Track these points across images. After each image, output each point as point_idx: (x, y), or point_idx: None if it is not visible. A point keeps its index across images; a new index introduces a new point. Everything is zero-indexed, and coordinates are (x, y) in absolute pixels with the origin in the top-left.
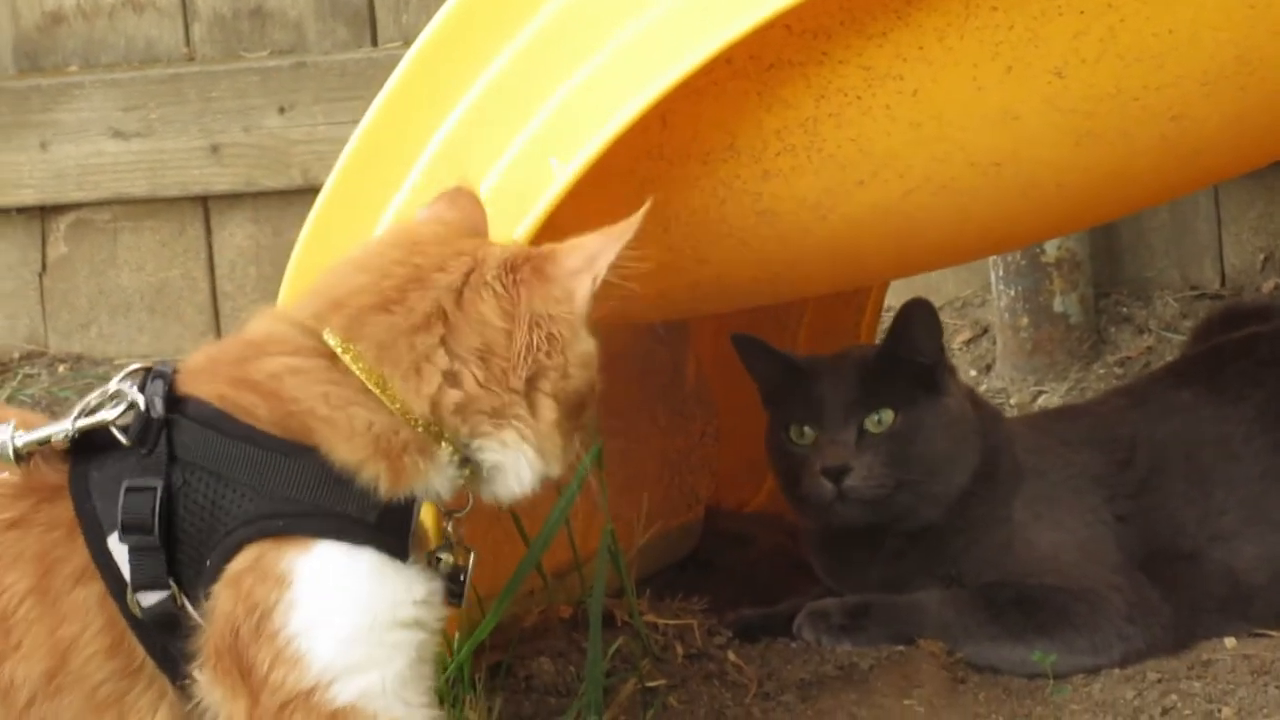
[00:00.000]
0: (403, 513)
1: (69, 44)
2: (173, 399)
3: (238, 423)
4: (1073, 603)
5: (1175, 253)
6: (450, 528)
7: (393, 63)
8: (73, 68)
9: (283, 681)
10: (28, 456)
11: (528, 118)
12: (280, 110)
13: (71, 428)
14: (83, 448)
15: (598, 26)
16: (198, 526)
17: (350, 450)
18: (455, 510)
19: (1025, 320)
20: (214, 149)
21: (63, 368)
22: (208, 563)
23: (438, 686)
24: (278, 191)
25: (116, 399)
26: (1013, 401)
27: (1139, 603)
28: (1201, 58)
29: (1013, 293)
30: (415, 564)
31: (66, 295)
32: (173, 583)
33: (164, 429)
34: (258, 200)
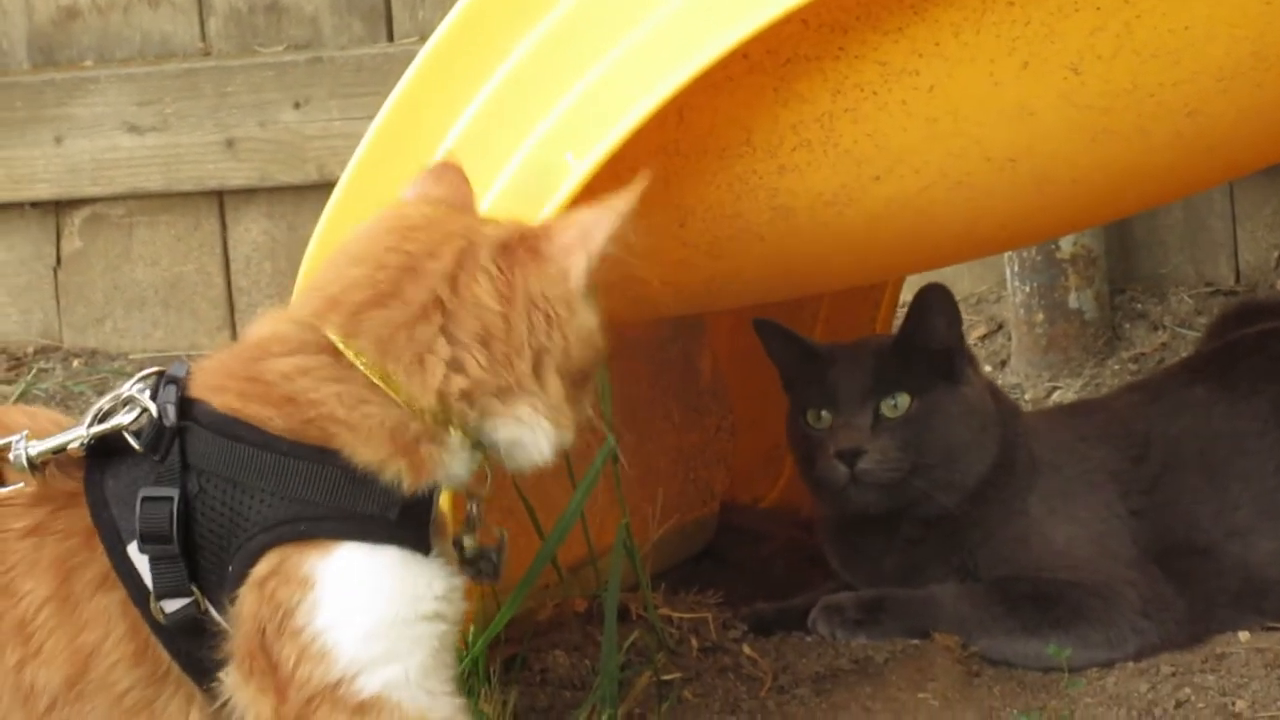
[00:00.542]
0: (424, 505)
1: (84, 38)
2: (185, 404)
3: (252, 429)
4: (1088, 597)
5: (1190, 249)
6: (474, 509)
7: (408, 58)
8: (88, 62)
9: (309, 676)
10: (42, 465)
11: (543, 113)
12: (296, 105)
13: (87, 434)
14: (96, 453)
15: (613, 21)
16: (216, 533)
17: (372, 451)
18: (475, 492)
19: (1040, 316)
20: (229, 144)
21: (77, 362)
22: (230, 569)
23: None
24: (293, 186)
25: (129, 405)
26: (1027, 397)
27: (1153, 597)
28: (1217, 53)
29: (1028, 288)
30: (437, 557)
31: (81, 290)
32: (195, 589)
33: (177, 436)
34: (273, 195)
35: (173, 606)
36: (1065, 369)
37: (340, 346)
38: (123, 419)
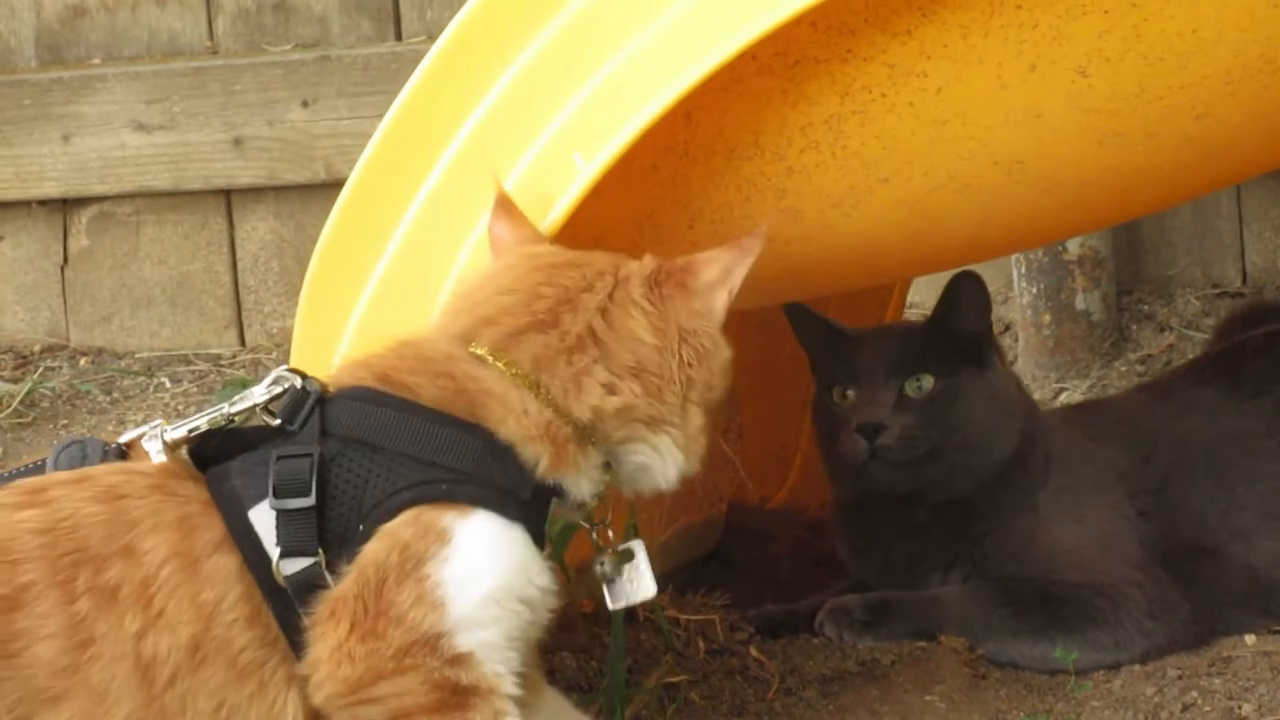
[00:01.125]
0: (546, 499)
1: (91, 36)
2: (324, 388)
3: (397, 398)
4: (1094, 599)
5: (1197, 251)
6: (596, 537)
7: (417, 57)
8: (95, 60)
9: (420, 621)
10: (176, 448)
11: (552, 113)
12: (304, 104)
13: (228, 410)
14: (217, 457)
15: (622, 23)
16: (350, 494)
17: (520, 426)
18: (598, 520)
19: (1047, 318)
20: (237, 142)
21: (84, 361)
22: (360, 527)
23: None
24: (300, 185)
25: (277, 383)
26: (1034, 398)
27: (1160, 599)
28: (1225, 57)
29: (1035, 290)
30: (544, 556)
31: (88, 288)
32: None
33: (316, 406)
34: (280, 194)
35: (294, 567)
36: (1072, 370)
37: (488, 360)
38: (259, 395)
